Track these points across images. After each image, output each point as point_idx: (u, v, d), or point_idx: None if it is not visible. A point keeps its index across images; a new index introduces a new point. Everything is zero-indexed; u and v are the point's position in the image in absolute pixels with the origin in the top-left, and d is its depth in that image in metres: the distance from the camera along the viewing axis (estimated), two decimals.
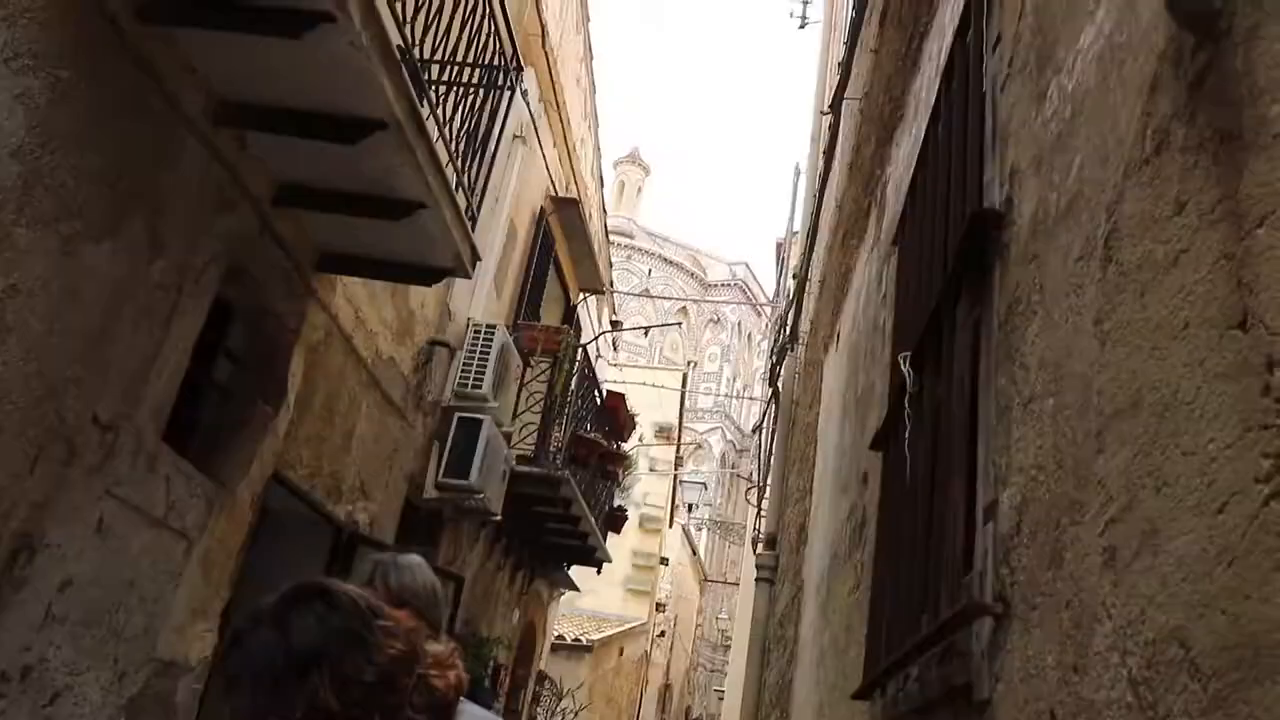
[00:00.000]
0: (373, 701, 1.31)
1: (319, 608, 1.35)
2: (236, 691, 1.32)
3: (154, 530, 4.33)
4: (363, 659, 1.32)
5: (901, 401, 2.32)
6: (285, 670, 1.30)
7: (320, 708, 1.28)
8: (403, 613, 2.42)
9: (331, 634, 1.33)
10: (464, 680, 1.44)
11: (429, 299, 7.13)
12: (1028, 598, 1.33)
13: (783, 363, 9.07)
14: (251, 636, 1.35)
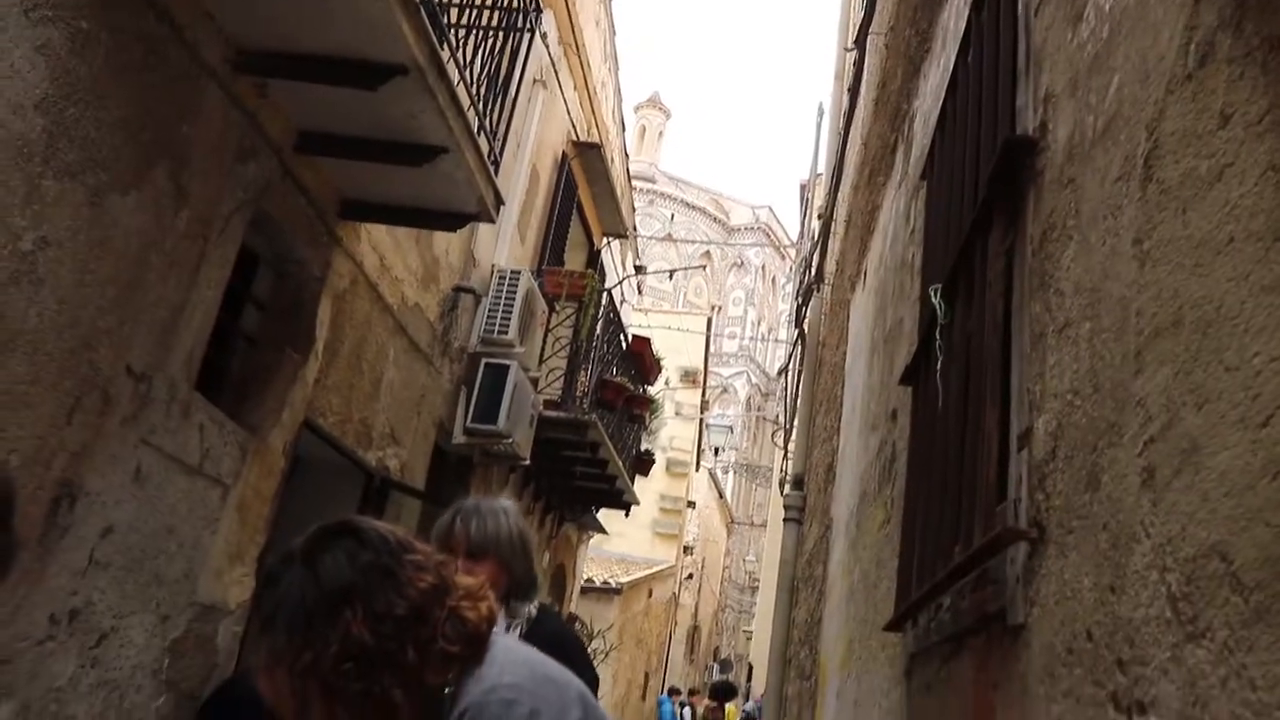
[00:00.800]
0: (405, 634, 1.33)
1: (349, 545, 1.38)
2: (271, 630, 1.35)
3: (190, 478, 4.39)
4: (393, 593, 1.34)
5: (932, 335, 2.30)
6: (318, 607, 1.32)
7: (354, 642, 1.30)
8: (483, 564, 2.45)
9: (361, 570, 1.35)
10: (495, 612, 1.46)
11: (453, 245, 7.13)
12: (1063, 522, 1.33)
13: (808, 304, 9.03)
14: (284, 576, 1.37)
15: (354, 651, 1.30)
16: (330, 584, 1.33)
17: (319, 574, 1.35)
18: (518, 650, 1.46)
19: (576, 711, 1.39)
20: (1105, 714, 1.12)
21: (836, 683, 4.21)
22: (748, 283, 57.44)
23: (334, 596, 1.32)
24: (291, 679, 1.30)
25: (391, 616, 1.33)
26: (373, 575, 1.35)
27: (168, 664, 4.45)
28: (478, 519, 2.54)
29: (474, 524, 2.53)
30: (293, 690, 1.31)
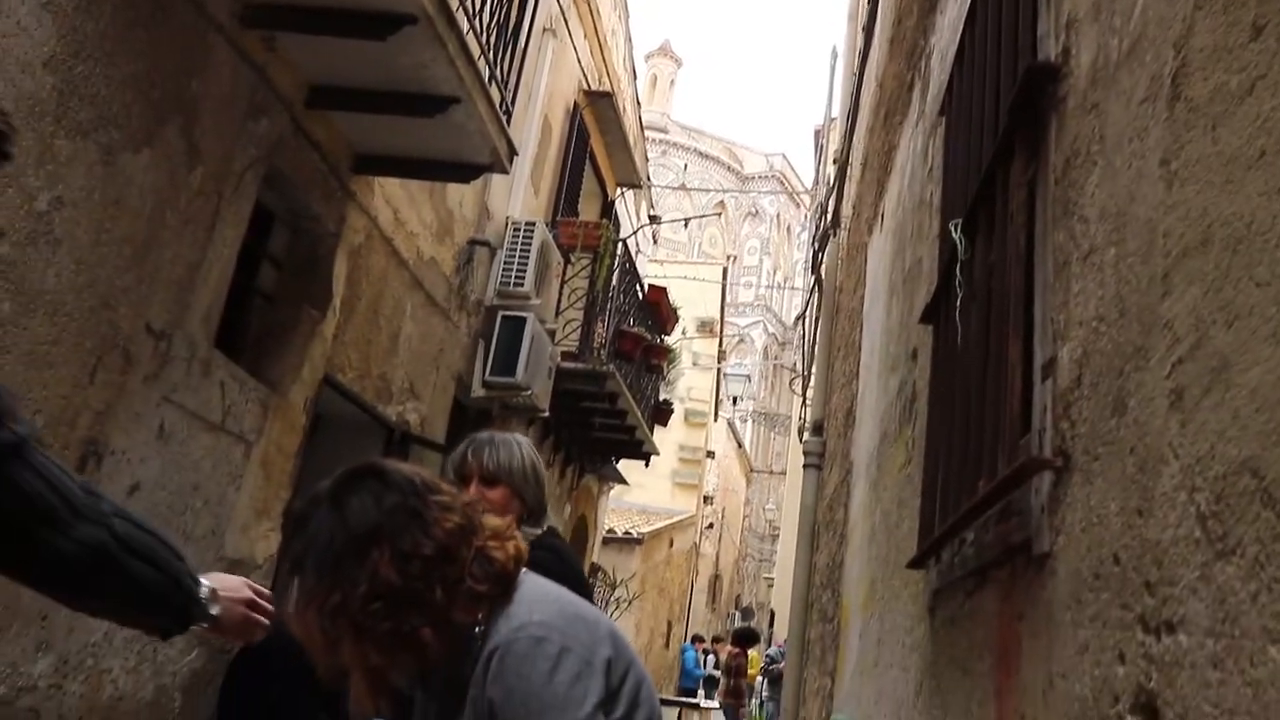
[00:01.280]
0: (432, 574, 1.35)
1: (374, 487, 1.39)
2: (301, 571, 1.37)
3: (213, 435, 4.43)
4: (420, 533, 1.36)
5: (952, 271, 2.28)
6: (345, 549, 1.34)
7: (382, 582, 1.32)
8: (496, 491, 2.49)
9: (388, 511, 1.37)
10: (523, 551, 1.47)
11: (467, 198, 7.11)
12: (1089, 449, 1.32)
13: (824, 250, 8.97)
14: (312, 518, 1.39)
15: (382, 591, 1.32)
16: (358, 525, 1.35)
17: (346, 516, 1.36)
18: (547, 589, 1.47)
19: (606, 649, 1.41)
20: (1133, 636, 1.12)
21: (859, 624, 4.24)
22: (763, 231, 57.12)
23: (361, 538, 1.34)
24: (321, 619, 1.32)
25: (419, 556, 1.34)
26: (399, 516, 1.36)
27: None
28: (491, 449, 2.61)
29: (487, 453, 2.59)
30: (323, 630, 1.33)
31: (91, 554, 1.35)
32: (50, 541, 1.31)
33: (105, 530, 1.37)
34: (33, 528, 1.28)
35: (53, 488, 1.30)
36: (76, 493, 1.33)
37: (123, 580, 1.41)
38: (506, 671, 1.32)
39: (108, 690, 3.91)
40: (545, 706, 1.31)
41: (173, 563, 1.48)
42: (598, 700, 1.34)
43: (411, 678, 1.44)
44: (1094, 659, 1.24)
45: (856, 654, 4.24)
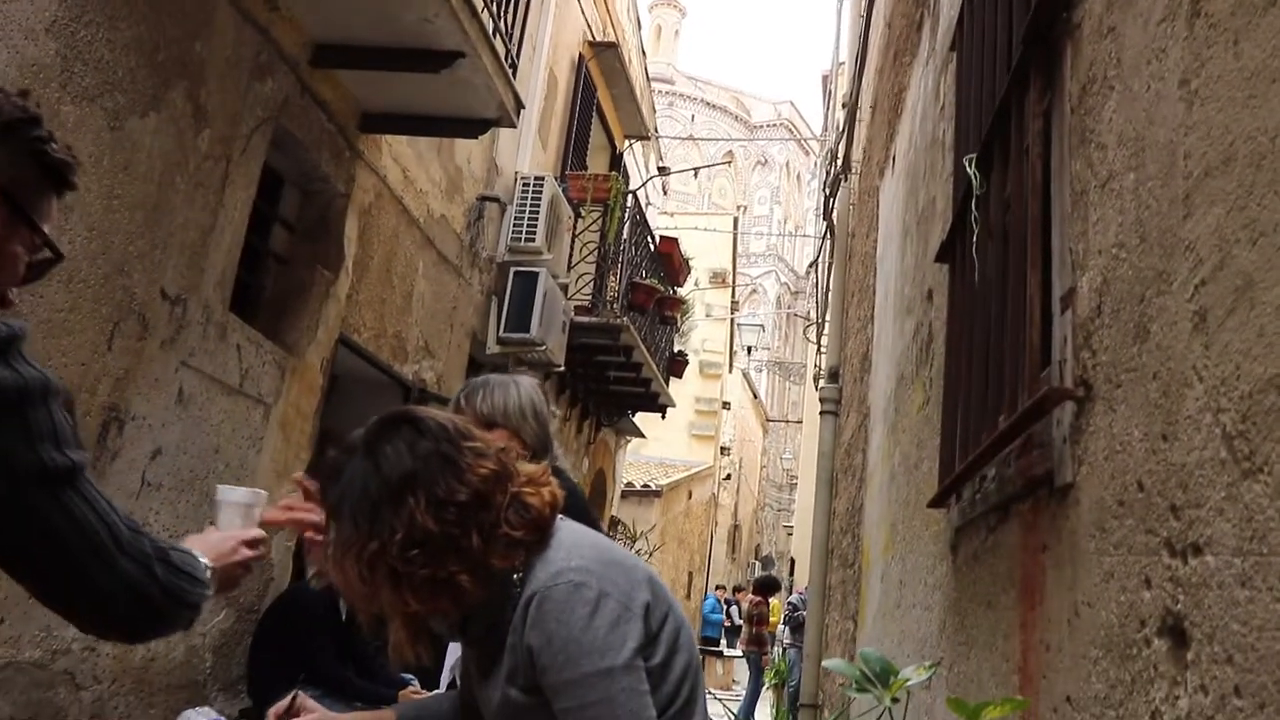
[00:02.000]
0: (468, 520, 1.35)
1: (408, 434, 1.39)
2: (338, 521, 1.38)
3: (231, 398, 4.46)
4: (454, 479, 1.36)
5: (967, 208, 2.26)
6: (381, 497, 1.34)
7: (419, 529, 1.32)
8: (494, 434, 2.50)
9: (422, 458, 1.37)
10: (559, 497, 1.47)
11: (475, 154, 7.07)
12: (1111, 377, 1.31)
13: (836, 195, 8.90)
14: (346, 468, 1.39)
15: (419, 538, 1.32)
16: (392, 473, 1.36)
17: (380, 464, 1.37)
18: (584, 534, 1.48)
19: (645, 594, 1.41)
20: (1159, 560, 1.12)
21: (880, 566, 4.26)
22: (772, 180, 56.67)
23: (397, 485, 1.35)
24: (360, 567, 1.34)
25: (454, 502, 1.35)
26: (433, 462, 1.37)
27: None
28: (485, 391, 2.57)
29: (480, 397, 2.56)
30: (361, 578, 1.34)
31: (130, 593, 1.33)
32: (95, 576, 1.30)
33: (146, 572, 1.34)
34: (84, 560, 1.27)
35: (101, 520, 1.29)
36: (123, 528, 1.32)
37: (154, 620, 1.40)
38: (545, 617, 1.33)
39: (139, 652, 3.97)
40: (584, 651, 1.31)
41: (198, 591, 1.46)
42: (636, 645, 1.35)
43: (451, 624, 1.45)
44: (1119, 585, 1.24)
45: (879, 596, 4.26)
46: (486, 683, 1.46)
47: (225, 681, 4.64)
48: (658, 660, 1.40)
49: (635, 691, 1.32)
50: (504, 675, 1.39)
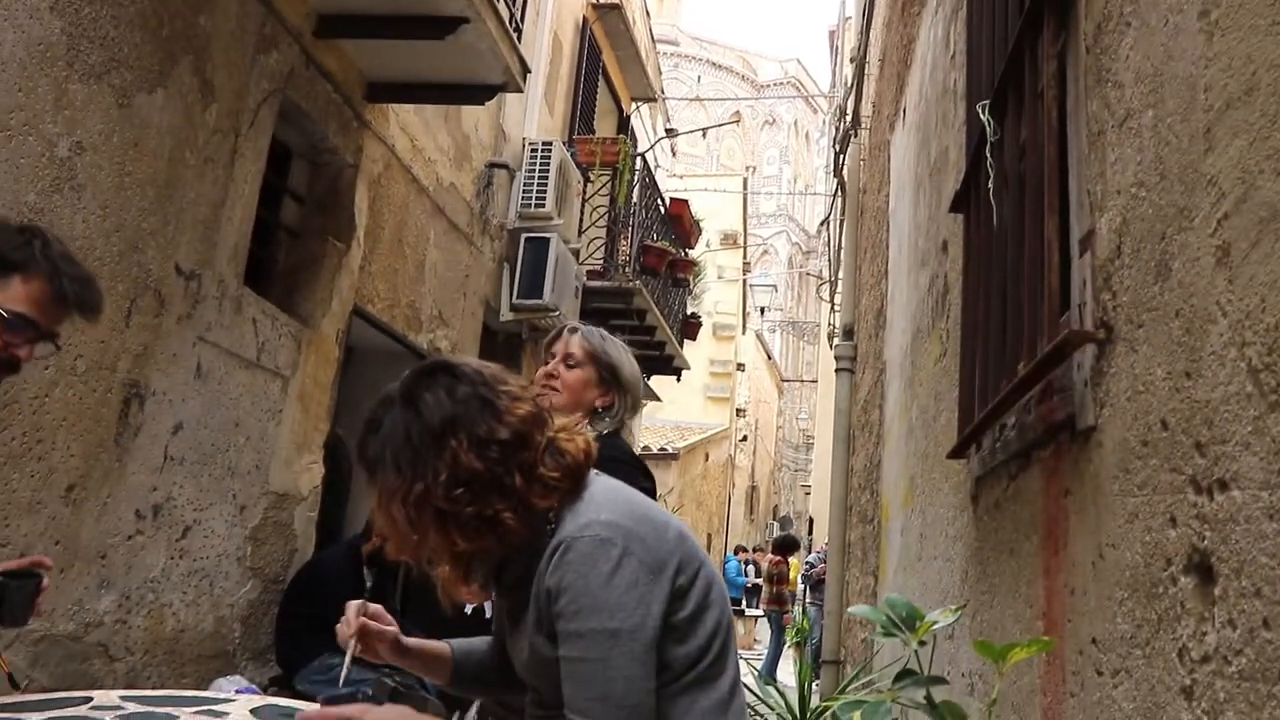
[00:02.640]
0: (510, 458, 1.38)
1: (445, 381, 1.42)
2: (379, 471, 1.40)
3: (249, 371, 4.48)
4: (494, 420, 1.39)
5: (981, 155, 2.25)
6: (423, 441, 1.37)
7: (463, 468, 1.35)
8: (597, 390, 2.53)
9: (462, 401, 1.40)
10: (593, 447, 1.49)
11: (482, 121, 7.04)
12: (1133, 317, 1.31)
13: (846, 152, 8.84)
14: (385, 418, 1.42)
15: (464, 477, 1.35)
16: (433, 418, 1.38)
17: (421, 411, 1.40)
18: (617, 489, 1.49)
19: (674, 551, 1.41)
20: (1184, 498, 1.12)
21: (900, 520, 4.27)
22: (781, 140, 56.29)
23: (438, 429, 1.38)
24: (406, 510, 1.36)
25: (495, 441, 1.37)
26: (473, 404, 1.40)
27: (250, 551, 4.63)
28: (586, 334, 2.60)
29: (578, 336, 2.59)
30: (409, 520, 1.37)
31: None
32: None
33: None
34: None
35: None
36: None
37: None
38: (566, 566, 1.35)
39: (169, 623, 4.02)
40: (595, 607, 1.33)
41: None
42: (658, 609, 1.36)
43: (487, 573, 1.47)
44: (1144, 525, 1.25)
45: (898, 551, 4.28)
46: (516, 633, 1.47)
47: (254, 651, 4.70)
48: (687, 613, 1.41)
49: (635, 659, 1.33)
50: (531, 624, 1.41)
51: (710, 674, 1.43)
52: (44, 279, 1.62)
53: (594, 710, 1.31)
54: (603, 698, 1.31)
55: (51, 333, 1.67)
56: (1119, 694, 1.31)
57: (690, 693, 1.41)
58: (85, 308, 1.69)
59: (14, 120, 3.05)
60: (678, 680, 1.40)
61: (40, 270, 1.61)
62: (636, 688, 1.32)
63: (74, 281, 1.65)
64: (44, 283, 1.62)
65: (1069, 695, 1.55)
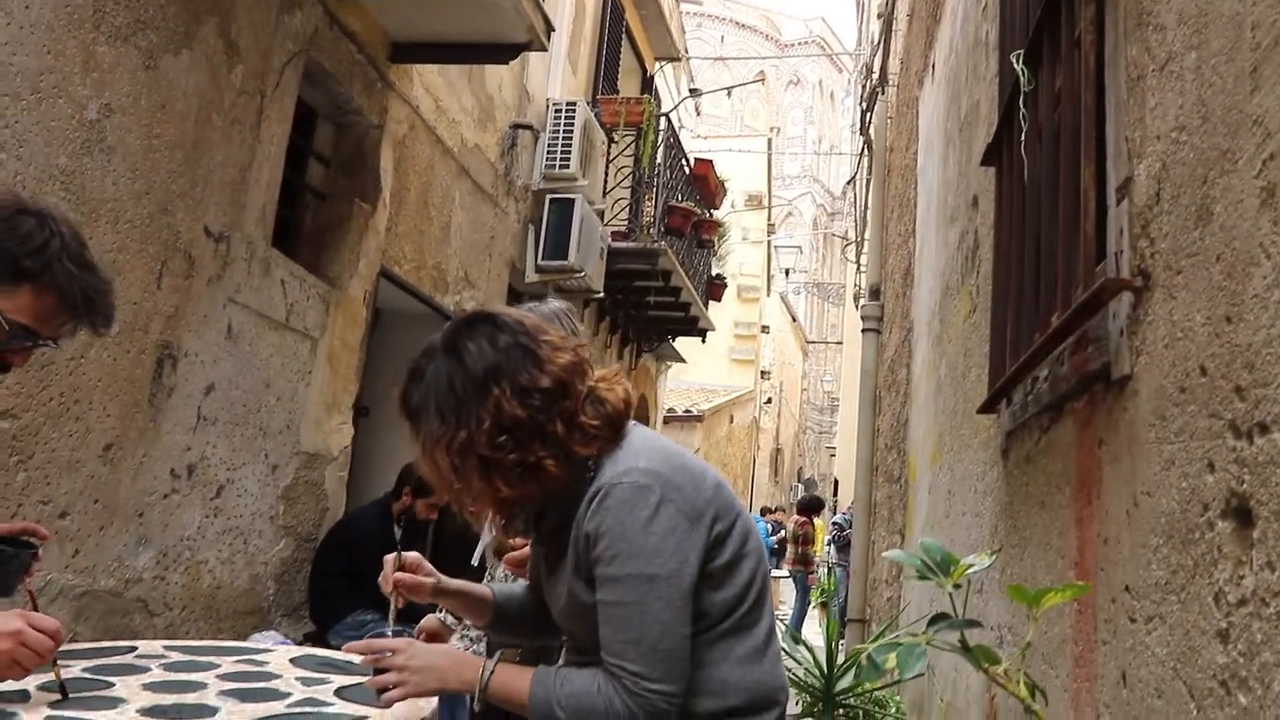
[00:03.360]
0: (551, 406, 1.40)
1: (486, 330, 1.44)
2: (423, 419, 1.43)
3: (279, 333, 4.52)
4: (536, 368, 1.41)
5: (1014, 106, 2.22)
6: (467, 389, 1.40)
7: (506, 416, 1.37)
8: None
9: (504, 350, 1.42)
10: (632, 396, 1.50)
11: (506, 81, 7.01)
12: (1171, 263, 1.29)
13: (872, 110, 8.74)
14: (428, 368, 1.44)
15: (507, 424, 1.38)
16: (476, 367, 1.40)
17: (464, 359, 1.41)
18: (656, 439, 1.50)
19: (711, 500, 1.43)
20: (1223, 443, 1.12)
21: (928, 478, 4.27)
22: (805, 100, 55.68)
23: (481, 377, 1.40)
24: (450, 458, 1.39)
25: (537, 389, 1.39)
26: (515, 354, 1.41)
27: (282, 510, 4.69)
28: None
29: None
30: (453, 468, 1.40)
31: None
32: None
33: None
34: None
35: None
36: None
37: None
38: (605, 512, 1.36)
39: (206, 580, 4.09)
40: (633, 552, 1.35)
41: None
42: (695, 556, 1.38)
43: (527, 519, 1.50)
44: (1180, 472, 1.24)
45: (926, 508, 4.28)
46: (554, 580, 1.49)
47: (288, 608, 4.78)
48: (723, 561, 1.42)
49: (671, 604, 1.35)
50: (569, 570, 1.43)
51: (746, 622, 1.45)
52: (57, 294, 1.56)
53: (629, 652, 1.33)
54: (637, 640, 1.33)
55: (53, 338, 1.61)
56: (1152, 639, 1.32)
57: (726, 640, 1.43)
58: (96, 323, 1.62)
59: (44, 83, 3.07)
60: (714, 627, 1.42)
61: (55, 283, 1.55)
62: (672, 632, 1.34)
63: (87, 296, 1.59)
64: (56, 297, 1.56)
65: (1100, 643, 1.56)
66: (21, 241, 1.55)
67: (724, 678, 1.41)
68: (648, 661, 1.33)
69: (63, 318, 1.60)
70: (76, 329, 1.63)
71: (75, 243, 1.61)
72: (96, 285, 1.62)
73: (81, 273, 1.59)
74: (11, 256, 1.53)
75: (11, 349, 1.58)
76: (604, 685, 1.34)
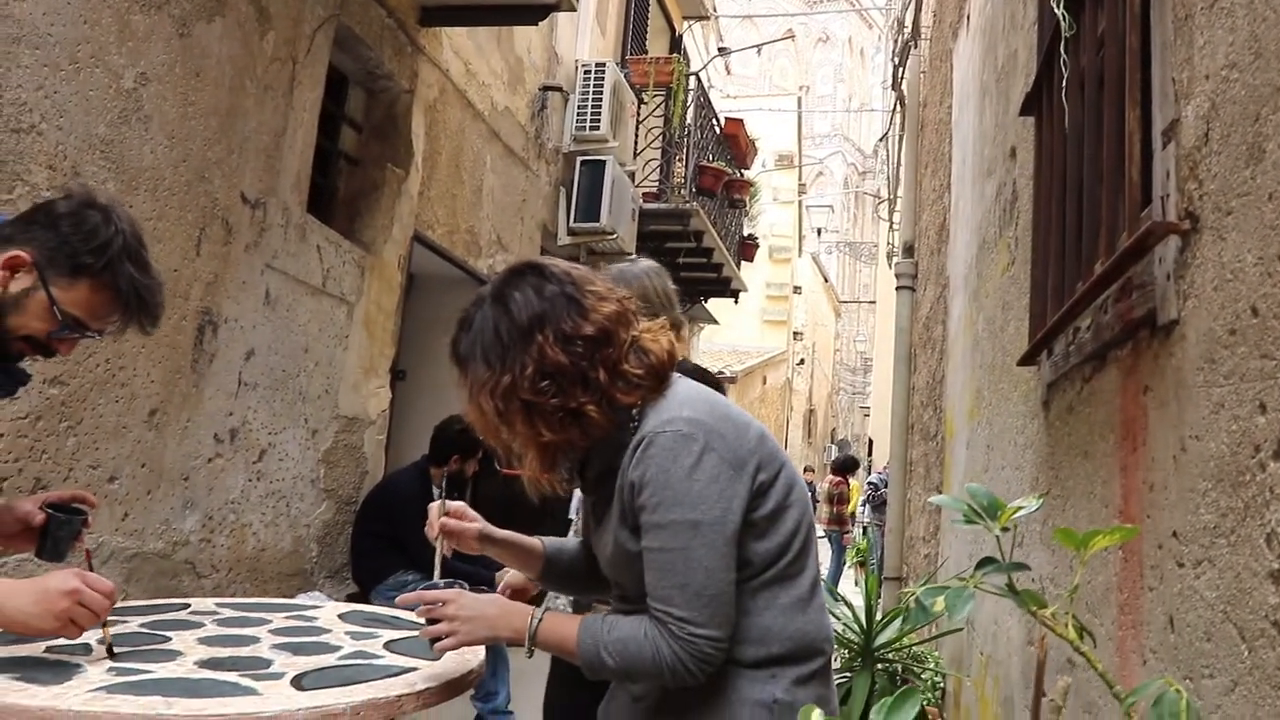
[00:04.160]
0: (594, 353, 1.42)
1: (533, 280, 1.46)
2: (470, 366, 1.45)
3: (316, 298, 4.56)
4: (579, 317, 1.42)
5: (1055, 52, 2.19)
6: (512, 336, 1.42)
7: (549, 361, 1.40)
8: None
9: (549, 299, 1.44)
10: (676, 348, 1.51)
11: (535, 43, 6.98)
12: (1221, 204, 1.28)
13: (905, 64, 8.62)
14: (476, 317, 1.47)
15: (550, 370, 1.40)
16: (521, 314, 1.43)
17: (509, 308, 1.44)
18: (700, 390, 1.51)
19: (754, 450, 1.43)
20: (1275, 383, 1.10)
21: (965, 434, 4.26)
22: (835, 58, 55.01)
23: (526, 325, 1.42)
24: (495, 402, 1.41)
25: (581, 336, 1.41)
26: (559, 302, 1.43)
27: (323, 474, 4.75)
28: (623, 285, 2.63)
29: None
30: (497, 412, 1.42)
31: None
32: None
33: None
34: None
35: None
36: None
37: None
38: (649, 459, 1.38)
39: (250, 543, 4.17)
40: (677, 499, 1.36)
41: None
42: (739, 504, 1.39)
43: (572, 467, 1.51)
44: (1230, 415, 1.23)
45: (964, 464, 4.27)
46: (601, 528, 1.51)
47: (330, 569, 4.85)
48: (767, 511, 1.43)
49: (716, 550, 1.36)
50: (615, 519, 1.45)
51: (790, 571, 1.46)
52: (113, 292, 1.62)
53: (674, 598, 1.35)
54: (682, 586, 1.35)
55: (99, 331, 1.67)
56: (1201, 584, 1.31)
57: (770, 589, 1.44)
58: (144, 322, 1.68)
59: (81, 53, 3.09)
60: (757, 576, 1.43)
61: (113, 282, 1.61)
62: (717, 579, 1.36)
63: (140, 296, 1.65)
64: (111, 295, 1.62)
65: (1147, 589, 1.56)
66: (86, 238, 1.61)
67: (767, 626, 1.43)
68: (693, 607, 1.34)
69: (114, 314, 1.66)
70: (125, 326, 1.68)
71: (135, 242, 1.67)
72: (150, 286, 1.68)
73: (138, 273, 1.65)
74: (74, 251, 1.60)
75: (61, 338, 1.63)
76: (651, 631, 1.36)
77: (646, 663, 1.36)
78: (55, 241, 1.59)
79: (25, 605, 1.48)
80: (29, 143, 2.90)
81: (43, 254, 1.58)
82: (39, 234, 1.59)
